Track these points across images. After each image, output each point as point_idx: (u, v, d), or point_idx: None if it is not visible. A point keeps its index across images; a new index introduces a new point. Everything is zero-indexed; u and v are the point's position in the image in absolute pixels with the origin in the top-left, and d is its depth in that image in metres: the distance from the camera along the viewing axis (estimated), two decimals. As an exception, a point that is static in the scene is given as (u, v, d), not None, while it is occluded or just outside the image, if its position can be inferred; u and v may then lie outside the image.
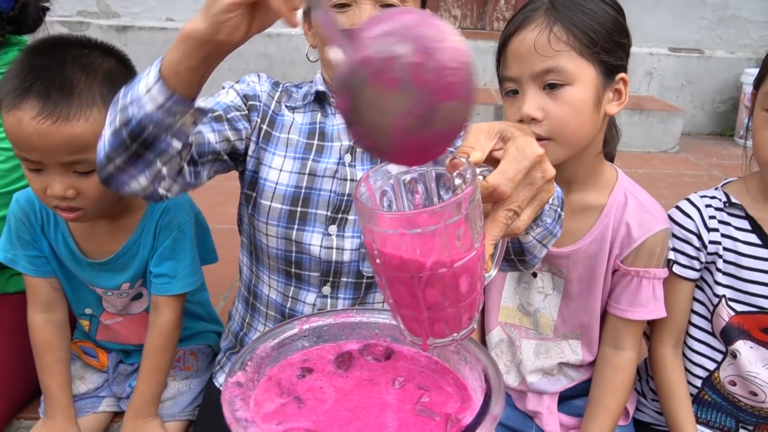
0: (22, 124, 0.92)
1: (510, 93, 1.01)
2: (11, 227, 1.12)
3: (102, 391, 1.25)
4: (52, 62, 0.95)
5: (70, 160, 0.95)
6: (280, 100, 1.06)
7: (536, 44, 0.95)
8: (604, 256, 1.08)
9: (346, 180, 1.01)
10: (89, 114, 0.94)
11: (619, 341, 1.10)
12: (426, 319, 0.52)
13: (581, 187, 1.09)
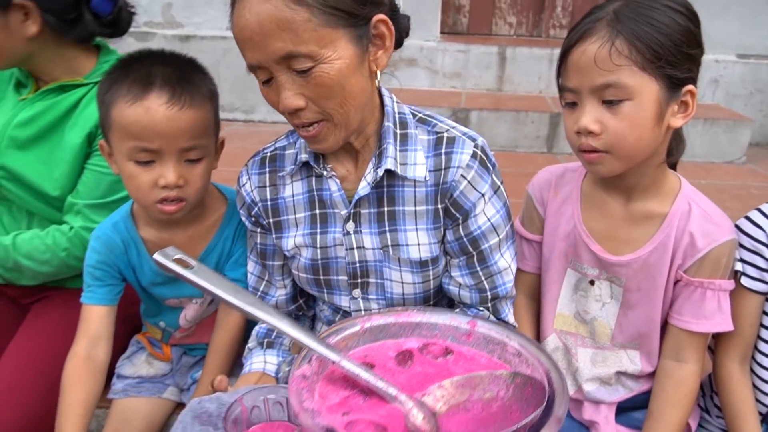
0: (151, 111, 0.99)
1: (569, 104, 1.00)
2: (91, 268, 1.15)
3: (167, 379, 1.30)
4: (156, 63, 1.04)
5: (187, 146, 1.03)
6: (273, 182, 1.05)
7: (596, 58, 0.93)
8: (665, 265, 1.05)
9: (353, 249, 1.02)
10: (205, 103, 1.04)
11: (681, 354, 1.07)
12: None
13: (643, 196, 1.06)
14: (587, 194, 1.12)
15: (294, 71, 0.84)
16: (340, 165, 1.02)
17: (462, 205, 0.98)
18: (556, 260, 1.16)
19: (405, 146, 0.99)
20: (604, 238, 1.09)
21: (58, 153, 1.26)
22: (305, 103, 0.87)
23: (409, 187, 0.99)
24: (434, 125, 1.01)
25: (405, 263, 1.02)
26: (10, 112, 1.29)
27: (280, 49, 0.82)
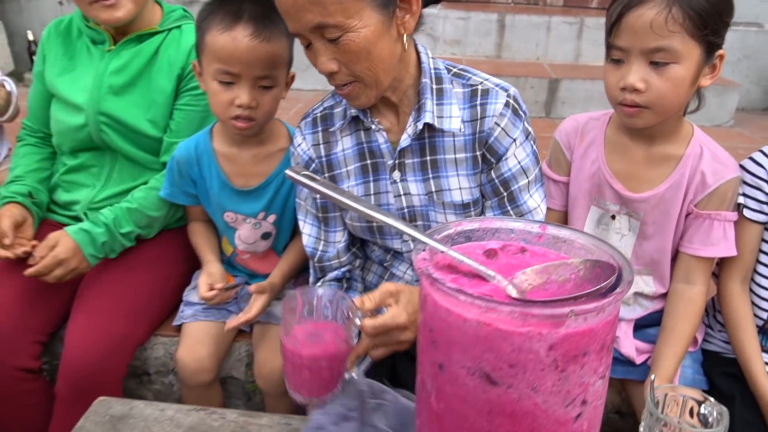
0: (237, 41, 1.17)
1: (615, 61, 1.11)
2: (172, 172, 1.38)
3: (230, 306, 1.46)
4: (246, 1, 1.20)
5: (261, 74, 1.21)
6: (326, 139, 1.17)
7: (653, 23, 1.03)
8: (678, 200, 1.21)
9: (400, 195, 1.15)
10: (281, 39, 1.20)
11: (691, 277, 1.24)
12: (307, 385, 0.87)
13: (662, 141, 1.21)
14: (611, 139, 1.27)
15: (326, 39, 0.96)
16: (384, 119, 1.14)
17: (496, 150, 1.11)
18: (582, 198, 1.31)
19: (441, 100, 1.10)
20: (626, 178, 1.24)
21: (149, 95, 1.41)
22: (338, 66, 0.99)
23: (448, 137, 1.11)
24: (468, 78, 1.13)
25: (449, 206, 1.14)
26: (101, 63, 1.42)
27: (311, 21, 0.94)
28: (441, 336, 0.67)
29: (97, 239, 1.38)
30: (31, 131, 1.61)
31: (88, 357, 1.29)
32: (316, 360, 0.84)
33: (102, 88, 1.44)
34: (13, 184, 1.50)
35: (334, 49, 0.97)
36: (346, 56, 0.97)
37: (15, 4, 4.30)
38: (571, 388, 0.64)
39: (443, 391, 0.69)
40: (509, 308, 0.61)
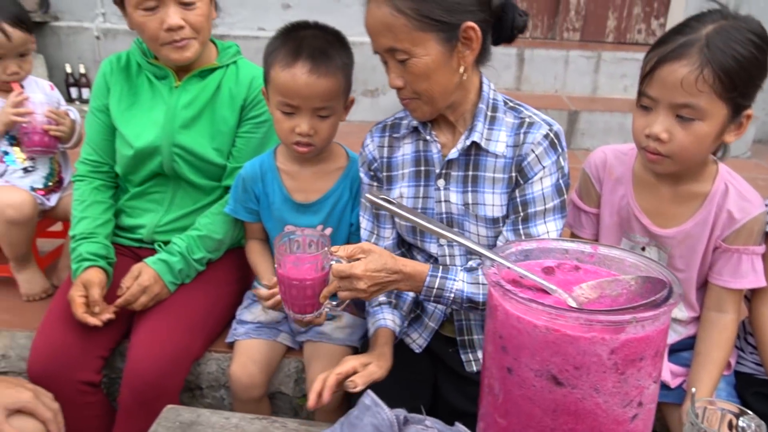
0: (296, 78, 1.29)
1: (643, 107, 1.17)
2: (238, 189, 1.48)
3: (281, 326, 1.54)
4: (307, 36, 1.32)
5: (319, 106, 1.32)
6: (391, 143, 1.33)
7: (683, 81, 1.07)
8: (705, 236, 1.26)
9: (440, 202, 1.28)
10: (337, 73, 1.31)
11: (722, 306, 1.29)
12: (295, 303, 1.14)
13: (688, 179, 1.26)
14: (638, 176, 1.33)
15: (396, 60, 1.14)
16: (441, 133, 1.29)
17: (526, 173, 1.22)
18: (611, 230, 1.38)
19: (492, 126, 1.23)
20: (654, 214, 1.30)
21: (215, 126, 1.54)
22: (403, 83, 1.16)
23: (491, 158, 1.24)
24: (521, 112, 1.25)
25: (481, 219, 1.26)
26: (170, 99, 1.53)
27: (385, 44, 1.13)
28: (511, 342, 0.75)
29: (174, 267, 1.49)
30: (93, 166, 1.63)
31: (151, 369, 1.38)
32: (301, 281, 1.11)
33: (175, 121, 1.53)
34: (88, 242, 1.53)
35: (402, 69, 1.14)
36: (410, 76, 1.15)
37: (55, 39, 4.51)
38: (629, 390, 0.72)
39: (511, 393, 0.77)
40: (576, 315, 0.70)
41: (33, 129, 1.67)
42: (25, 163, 1.76)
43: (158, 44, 1.45)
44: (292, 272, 1.11)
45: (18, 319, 1.69)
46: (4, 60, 1.66)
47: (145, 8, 1.41)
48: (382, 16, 1.10)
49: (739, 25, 1.10)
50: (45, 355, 1.41)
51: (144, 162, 1.56)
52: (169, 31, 1.42)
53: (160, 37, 1.43)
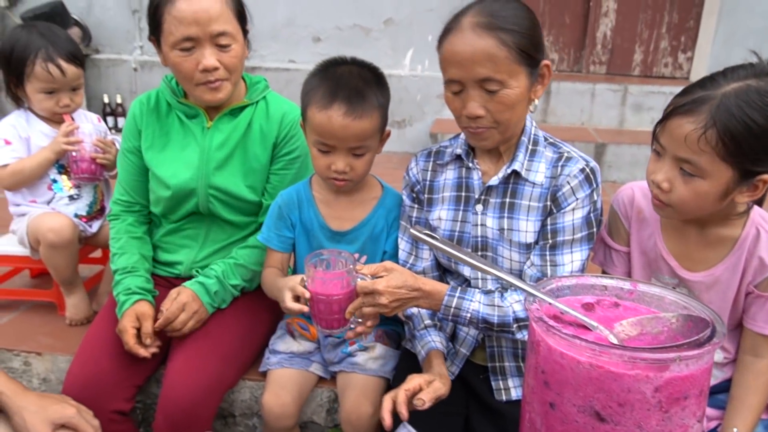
0: (332, 119, 1.31)
1: (656, 152, 1.17)
2: (272, 216, 1.50)
3: (313, 356, 1.55)
4: (344, 75, 1.34)
5: (354, 145, 1.35)
6: (434, 168, 1.39)
7: (687, 137, 1.06)
8: (735, 282, 1.23)
9: (477, 225, 1.32)
10: (372, 114, 1.34)
11: (758, 351, 1.26)
12: (323, 317, 1.23)
13: (715, 224, 1.23)
14: (665, 220, 1.30)
15: (484, 89, 1.17)
16: (483, 162, 1.34)
17: (560, 203, 1.27)
18: (641, 269, 1.36)
19: (533, 158, 1.29)
20: (681, 257, 1.28)
21: (247, 164, 1.57)
22: (484, 113, 1.19)
23: (529, 187, 1.29)
24: (560, 147, 1.31)
25: (515, 245, 1.30)
26: (204, 140, 1.57)
27: (481, 73, 1.16)
28: (553, 377, 0.76)
29: (210, 289, 1.53)
30: (126, 206, 1.64)
31: (185, 397, 1.40)
32: (328, 297, 1.20)
33: (210, 163, 1.54)
34: (132, 276, 1.55)
35: (488, 98, 1.18)
36: (497, 106, 1.18)
37: (95, 71, 4.68)
38: (672, 428, 0.73)
39: (553, 428, 0.78)
40: (620, 352, 0.71)
41: (82, 157, 1.75)
42: (71, 191, 1.83)
43: (192, 84, 1.46)
44: (320, 288, 1.21)
45: (60, 343, 1.74)
46: (57, 93, 1.74)
47: (182, 48, 1.41)
48: (485, 46, 1.15)
49: (763, 88, 1.04)
50: (80, 384, 1.43)
51: (180, 203, 1.59)
52: (204, 72, 1.43)
53: (194, 78, 1.44)
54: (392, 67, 4.55)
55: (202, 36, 1.40)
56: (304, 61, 4.55)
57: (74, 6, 4.54)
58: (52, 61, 1.68)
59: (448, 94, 1.24)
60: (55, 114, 1.77)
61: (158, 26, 1.42)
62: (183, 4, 1.38)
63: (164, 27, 1.41)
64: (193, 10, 1.38)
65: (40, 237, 1.71)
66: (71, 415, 1.21)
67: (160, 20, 1.41)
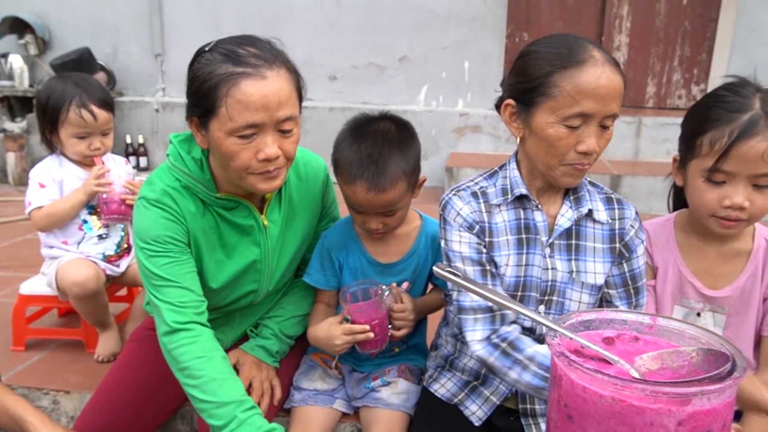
0: (357, 194, 1.38)
1: (715, 182, 1.23)
2: (321, 258, 1.55)
3: (337, 393, 1.57)
4: (368, 142, 1.38)
5: (384, 211, 1.41)
6: (488, 209, 1.30)
7: (765, 153, 1.16)
8: (757, 289, 1.33)
9: (547, 269, 1.29)
10: (396, 185, 1.37)
11: None
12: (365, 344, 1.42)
13: (731, 239, 1.34)
14: (682, 242, 1.38)
15: (601, 126, 1.17)
16: (545, 202, 1.30)
17: (630, 248, 1.30)
18: (666, 299, 1.41)
19: (592, 198, 1.31)
20: (704, 275, 1.35)
21: (299, 239, 1.55)
22: (598, 147, 1.18)
23: (592, 228, 1.30)
24: (602, 189, 1.35)
25: (586, 286, 1.30)
26: (262, 238, 1.45)
27: (614, 108, 1.16)
28: (576, 411, 0.78)
29: (271, 350, 1.53)
30: (193, 309, 1.32)
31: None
32: (369, 322, 1.38)
33: (272, 263, 1.49)
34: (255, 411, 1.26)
35: (600, 134, 1.17)
36: (604, 143, 1.19)
37: (118, 113, 4.84)
38: (696, 462, 0.74)
39: (579, 462, 0.79)
40: (642, 386, 0.73)
41: (112, 199, 1.82)
42: (100, 231, 1.90)
43: (246, 173, 1.26)
44: (360, 318, 1.38)
45: (89, 382, 1.77)
46: (89, 137, 1.82)
47: (242, 136, 1.20)
48: (619, 83, 1.15)
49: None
50: (92, 429, 1.40)
51: (234, 305, 1.53)
52: (264, 161, 1.23)
53: (251, 167, 1.24)
54: (407, 103, 4.65)
55: (268, 123, 1.20)
56: (321, 99, 4.67)
57: (100, 52, 4.74)
58: (85, 107, 1.76)
59: (561, 130, 1.16)
60: (86, 157, 1.84)
61: (212, 108, 1.20)
62: (251, 87, 1.17)
63: (221, 111, 1.18)
64: (262, 94, 1.17)
65: (66, 290, 1.78)
66: None
67: (215, 102, 1.19)
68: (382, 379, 1.54)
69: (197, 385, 1.26)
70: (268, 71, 1.19)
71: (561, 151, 1.18)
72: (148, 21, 4.72)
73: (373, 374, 1.57)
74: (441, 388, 1.46)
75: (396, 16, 4.49)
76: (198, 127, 1.27)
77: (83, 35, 4.76)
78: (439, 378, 1.48)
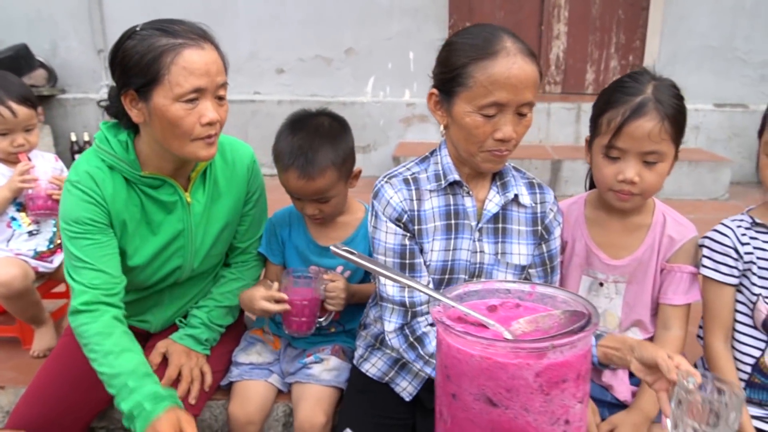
0: (290, 182, 1.50)
1: (611, 158, 1.34)
2: (268, 233, 1.68)
3: (273, 366, 1.65)
4: (300, 135, 1.49)
5: (317, 198, 1.52)
6: (419, 196, 1.33)
7: (651, 133, 1.28)
8: (654, 260, 1.44)
9: (476, 252, 1.37)
10: (325, 173, 1.48)
11: (667, 323, 1.44)
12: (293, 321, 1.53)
13: (633, 213, 1.46)
14: (590, 217, 1.50)
15: (518, 114, 1.23)
16: (475, 187, 1.37)
17: (549, 230, 1.40)
18: (573, 271, 1.52)
19: (516, 183, 1.39)
20: (607, 247, 1.47)
21: (223, 221, 1.59)
22: (515, 135, 1.24)
23: (516, 212, 1.39)
24: (524, 174, 1.44)
25: (511, 267, 1.39)
26: (185, 215, 1.50)
27: (528, 97, 1.21)
28: (453, 371, 0.86)
29: (200, 338, 1.58)
30: (104, 292, 1.38)
31: None
32: (300, 302, 1.50)
33: (195, 240, 1.53)
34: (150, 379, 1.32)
35: (518, 122, 1.23)
36: (522, 130, 1.25)
37: (61, 110, 4.75)
38: (555, 409, 0.83)
39: (456, 416, 0.87)
40: (504, 344, 0.81)
41: (38, 194, 1.82)
42: (30, 227, 1.90)
43: (188, 139, 1.32)
44: (292, 295, 1.50)
45: (24, 377, 1.78)
46: (11, 134, 1.82)
47: (188, 100, 1.27)
48: (532, 72, 1.20)
49: (665, 83, 1.34)
50: (24, 424, 1.42)
51: (160, 283, 1.57)
52: (207, 126, 1.31)
53: (194, 132, 1.31)
54: (354, 94, 4.70)
55: (209, 87, 1.29)
56: (268, 92, 4.68)
57: (39, 48, 4.63)
58: (3, 104, 1.76)
59: (477, 119, 1.21)
60: (10, 154, 1.85)
61: (156, 78, 1.26)
62: (194, 56, 1.27)
63: (166, 78, 1.26)
64: (204, 62, 1.28)
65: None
66: None
67: (159, 71, 1.26)
68: (316, 355, 1.62)
69: (96, 359, 1.34)
70: (204, 43, 1.31)
71: (479, 139, 1.23)
72: (88, 15, 4.64)
73: (308, 351, 1.65)
74: (372, 367, 1.52)
75: (340, 7, 4.53)
76: (134, 101, 1.32)
77: (20, 31, 4.63)
78: (370, 357, 1.54)
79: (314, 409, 1.49)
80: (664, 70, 1.40)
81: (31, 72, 4.45)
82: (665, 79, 1.35)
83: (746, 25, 4.22)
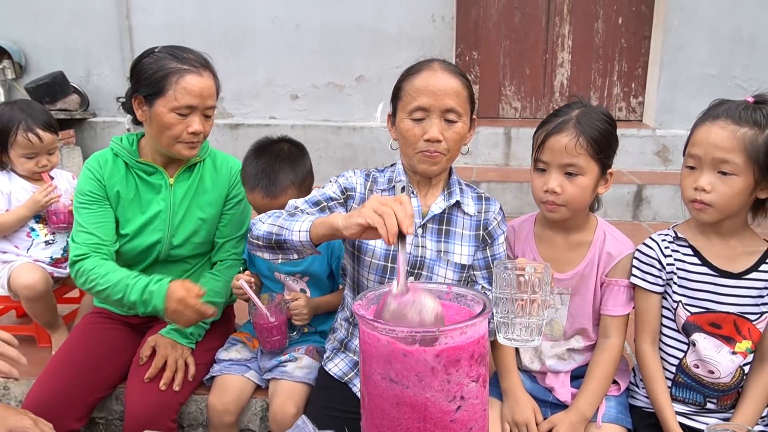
0: (257, 200, 1.72)
1: (540, 170, 1.51)
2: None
3: (251, 363, 1.83)
4: (263, 160, 1.71)
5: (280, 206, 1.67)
6: (371, 188, 1.59)
7: (567, 147, 1.43)
8: (594, 274, 1.56)
9: (418, 246, 1.56)
10: (287, 192, 1.70)
11: (607, 332, 1.56)
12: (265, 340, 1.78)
13: (576, 230, 1.59)
14: (538, 234, 1.64)
15: (444, 119, 1.45)
16: (420, 191, 1.59)
17: (493, 236, 1.58)
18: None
19: (463, 194, 1.59)
20: (554, 261, 1.58)
21: (205, 212, 1.86)
22: (443, 138, 1.45)
23: (461, 218, 1.58)
24: (475, 189, 1.63)
25: (451, 264, 1.56)
26: (168, 195, 1.82)
27: (449, 103, 1.44)
28: (367, 355, 1.02)
29: (185, 332, 1.78)
30: (93, 247, 1.73)
31: (144, 412, 1.63)
32: (268, 326, 1.71)
33: (176, 216, 1.80)
34: (144, 276, 1.69)
35: (446, 127, 1.45)
36: (452, 135, 1.46)
37: (92, 132, 5.09)
38: (451, 388, 0.98)
39: (371, 393, 1.03)
40: (403, 333, 0.97)
41: (58, 210, 2.06)
42: (46, 237, 2.14)
43: (175, 141, 1.69)
44: (261, 319, 1.72)
45: (36, 370, 1.89)
46: (37, 156, 2.07)
47: (180, 113, 1.65)
48: (454, 84, 1.45)
49: (595, 110, 1.50)
50: (36, 403, 1.62)
51: (143, 253, 1.83)
52: (192, 134, 1.69)
53: (181, 137, 1.68)
54: (364, 119, 4.92)
55: (199, 106, 1.68)
56: (283, 117, 4.93)
57: (74, 75, 4.99)
58: (31, 131, 2.01)
59: (408, 123, 1.46)
60: (34, 173, 2.09)
61: (161, 90, 1.64)
62: (193, 80, 1.65)
63: (169, 92, 1.63)
64: (200, 87, 1.66)
65: (18, 292, 2.01)
66: (28, 426, 1.33)
67: (165, 86, 1.63)
68: (291, 354, 1.80)
69: (96, 283, 1.68)
70: (203, 71, 1.69)
71: (412, 141, 1.47)
72: (119, 45, 4.98)
73: (284, 351, 1.82)
74: (335, 367, 1.69)
75: (351, 38, 4.77)
76: (141, 104, 1.70)
77: (57, 59, 5.00)
78: (334, 358, 1.71)
79: (286, 401, 1.66)
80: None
81: (66, 97, 4.79)
82: (598, 107, 1.51)
83: (744, 54, 4.31)
